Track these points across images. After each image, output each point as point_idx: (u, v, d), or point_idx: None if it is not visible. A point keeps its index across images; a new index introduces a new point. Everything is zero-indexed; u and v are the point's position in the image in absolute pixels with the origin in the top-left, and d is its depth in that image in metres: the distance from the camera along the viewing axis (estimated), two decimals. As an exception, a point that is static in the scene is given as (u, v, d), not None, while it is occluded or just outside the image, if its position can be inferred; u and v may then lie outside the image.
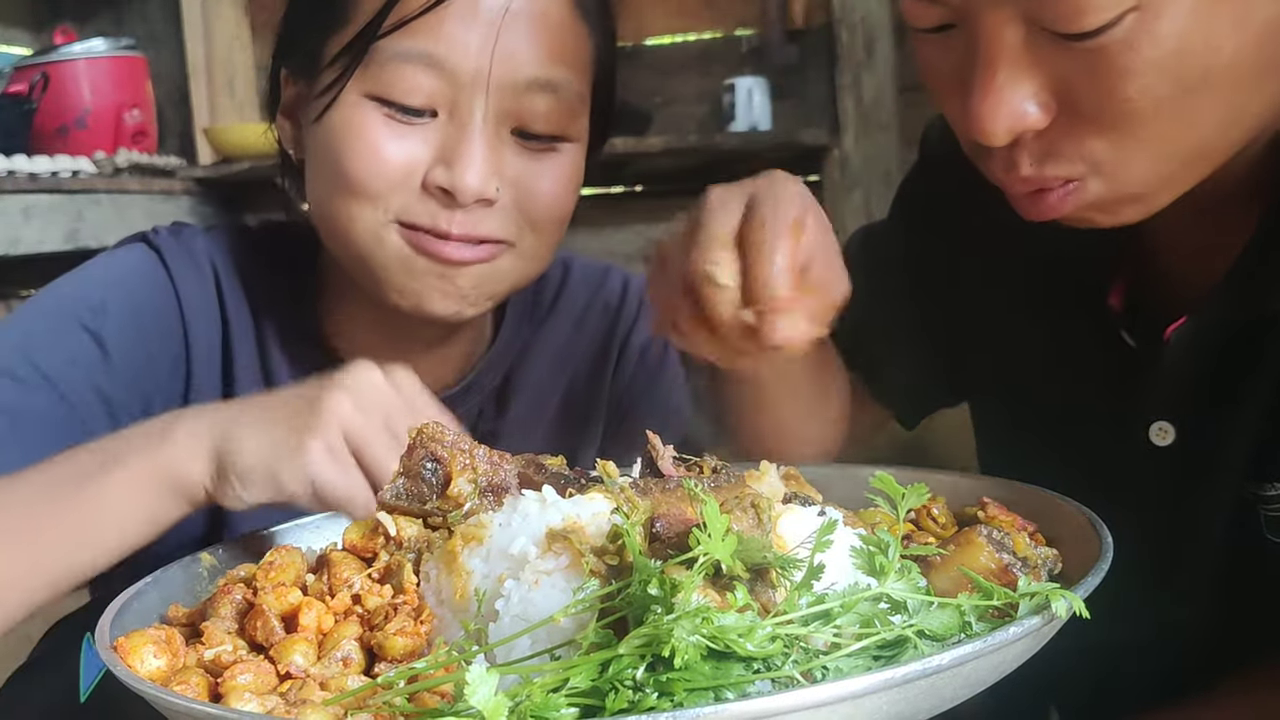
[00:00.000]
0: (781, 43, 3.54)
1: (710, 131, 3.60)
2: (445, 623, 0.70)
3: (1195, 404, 1.02)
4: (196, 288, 1.20)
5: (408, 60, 1.07)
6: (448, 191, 1.08)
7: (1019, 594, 0.66)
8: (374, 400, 0.91)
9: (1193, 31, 0.81)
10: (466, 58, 1.07)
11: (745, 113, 3.46)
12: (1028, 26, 0.84)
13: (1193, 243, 1.03)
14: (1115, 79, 0.83)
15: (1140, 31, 0.81)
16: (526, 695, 0.56)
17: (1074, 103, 0.86)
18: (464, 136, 1.08)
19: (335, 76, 1.10)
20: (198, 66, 3.31)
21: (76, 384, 1.09)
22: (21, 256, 2.46)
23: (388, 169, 1.09)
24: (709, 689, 0.57)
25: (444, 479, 0.77)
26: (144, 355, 1.15)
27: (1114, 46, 0.82)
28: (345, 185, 1.10)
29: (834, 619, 0.62)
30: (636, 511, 0.67)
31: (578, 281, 1.39)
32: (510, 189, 1.11)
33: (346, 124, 1.10)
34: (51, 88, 2.74)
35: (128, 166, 2.84)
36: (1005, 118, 0.86)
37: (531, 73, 1.09)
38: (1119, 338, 1.07)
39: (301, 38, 1.18)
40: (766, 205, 0.87)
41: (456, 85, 1.08)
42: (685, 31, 3.77)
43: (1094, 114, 0.86)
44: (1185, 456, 1.03)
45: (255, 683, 0.65)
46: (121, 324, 1.14)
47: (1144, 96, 0.83)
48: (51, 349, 1.10)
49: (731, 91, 3.50)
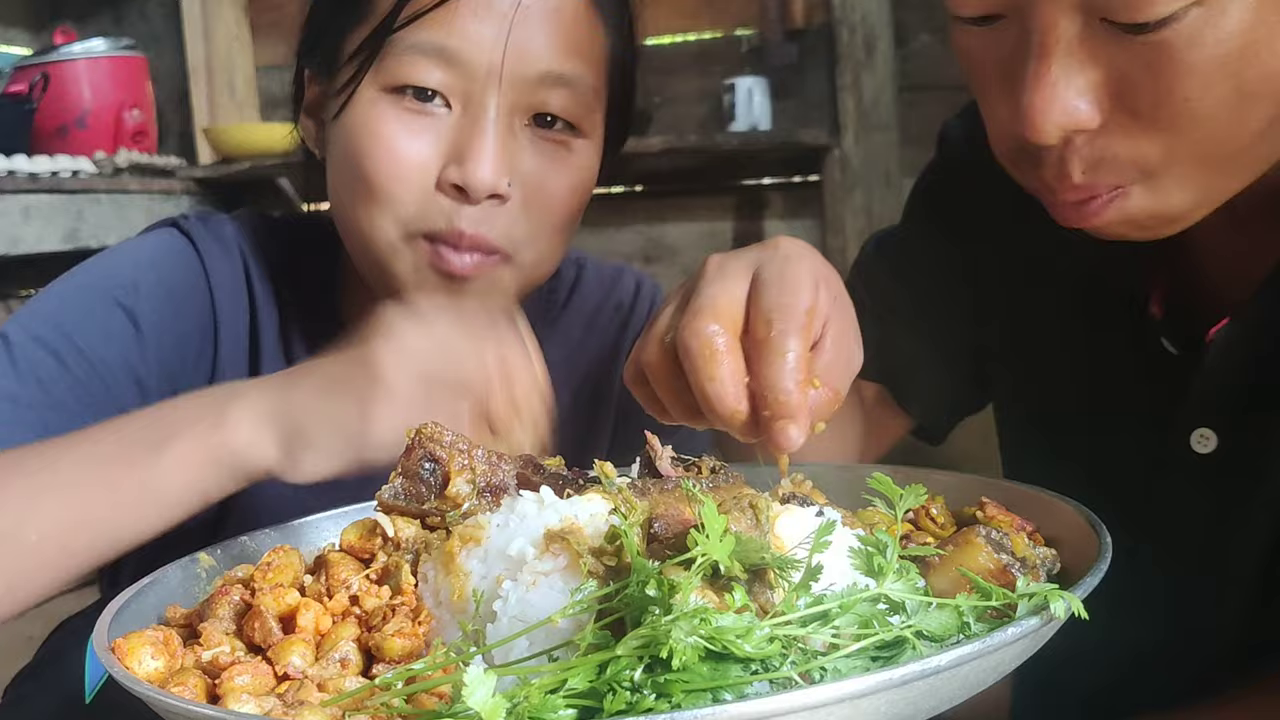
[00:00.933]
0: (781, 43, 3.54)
1: (710, 131, 3.60)
2: (443, 624, 0.69)
3: (1237, 409, 1.00)
4: (227, 272, 1.22)
5: (422, 52, 1.09)
6: (460, 188, 1.09)
7: (1017, 595, 0.66)
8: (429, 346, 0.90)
9: (1257, 32, 0.79)
10: (480, 51, 1.09)
11: (745, 113, 3.46)
12: (1085, 17, 0.81)
13: (1233, 246, 1.00)
14: (1174, 76, 0.80)
15: (1204, 27, 0.78)
16: (524, 696, 0.56)
17: (1130, 101, 0.82)
18: (476, 131, 1.10)
19: (353, 73, 1.12)
20: (198, 66, 3.31)
21: (110, 359, 1.11)
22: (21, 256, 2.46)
23: (403, 168, 1.10)
24: (707, 690, 0.57)
25: (442, 479, 0.77)
26: (175, 335, 1.17)
27: (1176, 41, 0.79)
28: (363, 187, 1.12)
29: (832, 620, 0.62)
30: (634, 512, 0.67)
31: (591, 281, 1.41)
32: (521, 187, 1.12)
33: (363, 121, 1.11)
34: (51, 88, 2.74)
35: (128, 166, 2.85)
36: (1058, 113, 0.82)
37: (545, 66, 1.11)
38: (1158, 344, 1.04)
39: (323, 36, 1.19)
40: (773, 290, 0.79)
41: (470, 78, 1.09)
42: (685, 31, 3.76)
43: (1150, 114, 0.82)
44: (1227, 463, 1.01)
45: (253, 684, 0.65)
46: (155, 303, 1.16)
47: (1204, 96, 0.80)
48: (86, 323, 1.12)
49: (731, 91, 3.50)
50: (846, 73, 3.39)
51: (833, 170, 3.41)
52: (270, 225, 1.30)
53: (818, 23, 3.52)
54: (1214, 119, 0.81)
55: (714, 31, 3.73)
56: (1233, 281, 1.01)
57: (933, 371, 1.21)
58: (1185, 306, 1.05)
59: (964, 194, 1.19)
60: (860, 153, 3.36)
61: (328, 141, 1.20)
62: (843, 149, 3.39)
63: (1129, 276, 1.06)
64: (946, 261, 1.21)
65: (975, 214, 1.17)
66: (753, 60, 3.62)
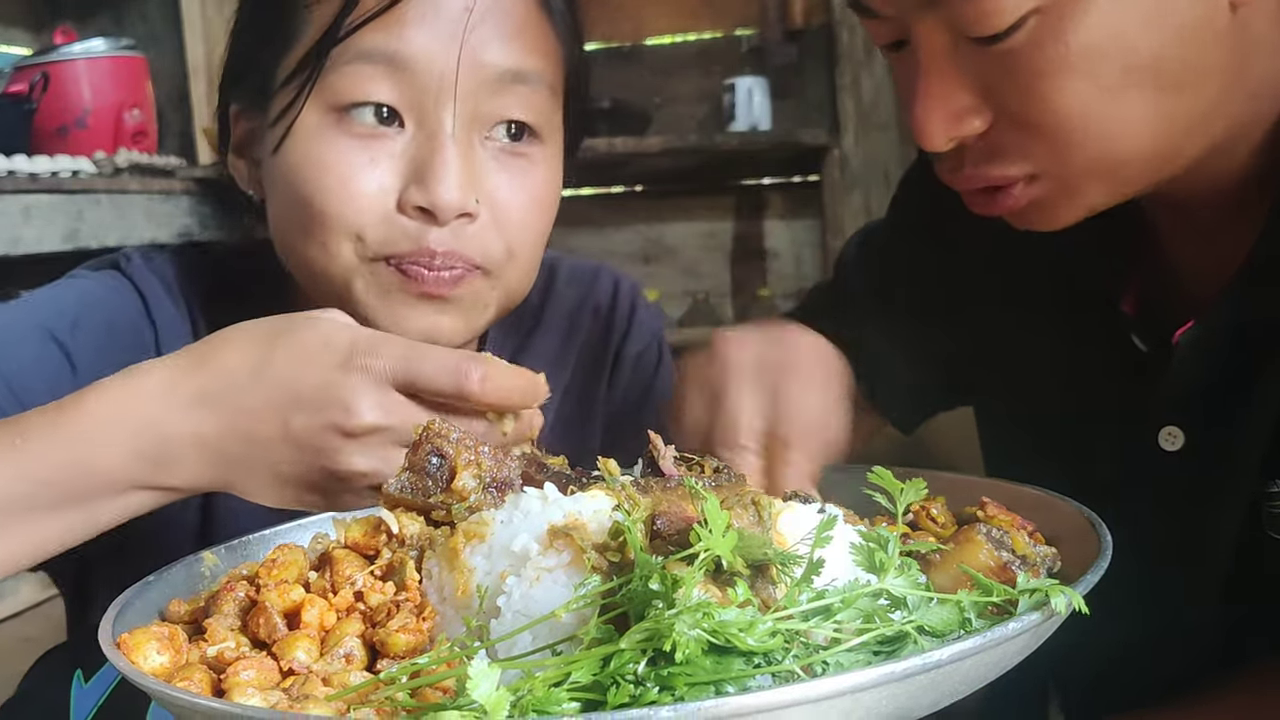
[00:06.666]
0: (781, 43, 3.55)
1: (710, 131, 3.61)
2: (447, 619, 0.70)
3: (1204, 408, 1.01)
4: (171, 314, 1.16)
5: (369, 61, 1.02)
6: (425, 210, 1.03)
7: (1019, 590, 0.66)
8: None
9: (1098, 31, 0.85)
10: (430, 58, 1.03)
11: (745, 113, 3.47)
12: (951, 34, 0.88)
13: (1199, 249, 1.03)
14: (1030, 79, 0.87)
15: (1044, 32, 0.85)
16: (528, 690, 0.56)
17: (1004, 106, 0.89)
18: (436, 148, 1.03)
19: (292, 97, 1.04)
20: (198, 66, 3.31)
21: (35, 391, 1.01)
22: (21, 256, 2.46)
23: (360, 199, 1.03)
24: (710, 683, 0.57)
25: (448, 474, 0.77)
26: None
27: (1023, 48, 0.86)
28: (316, 221, 1.04)
29: (834, 614, 0.62)
30: (638, 509, 0.68)
31: (564, 285, 1.34)
32: (489, 206, 1.06)
33: (309, 151, 1.04)
34: (51, 88, 2.74)
35: (128, 166, 2.85)
36: (940, 123, 0.91)
37: (502, 66, 1.05)
38: (1129, 342, 1.07)
39: (250, 67, 1.12)
40: (785, 425, 0.89)
41: (422, 89, 1.03)
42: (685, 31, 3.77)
43: (1022, 115, 0.89)
44: (1194, 460, 1.03)
45: (258, 679, 0.66)
46: (95, 343, 1.10)
47: (1060, 95, 0.87)
48: (15, 351, 1.06)
49: (731, 91, 3.51)
50: (846, 73, 3.40)
51: (832, 170, 3.42)
52: (214, 260, 1.23)
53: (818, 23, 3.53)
54: (1083, 115, 0.88)
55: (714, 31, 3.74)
56: (1201, 283, 1.03)
57: (903, 368, 1.23)
58: (1157, 305, 1.07)
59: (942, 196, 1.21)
60: (860, 153, 3.37)
61: (266, 180, 1.11)
62: (842, 149, 3.40)
63: (1102, 275, 1.09)
64: (923, 261, 1.24)
65: (952, 215, 1.19)
66: (753, 60, 3.63)
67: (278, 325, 0.87)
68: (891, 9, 0.91)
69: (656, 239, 3.99)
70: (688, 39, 3.77)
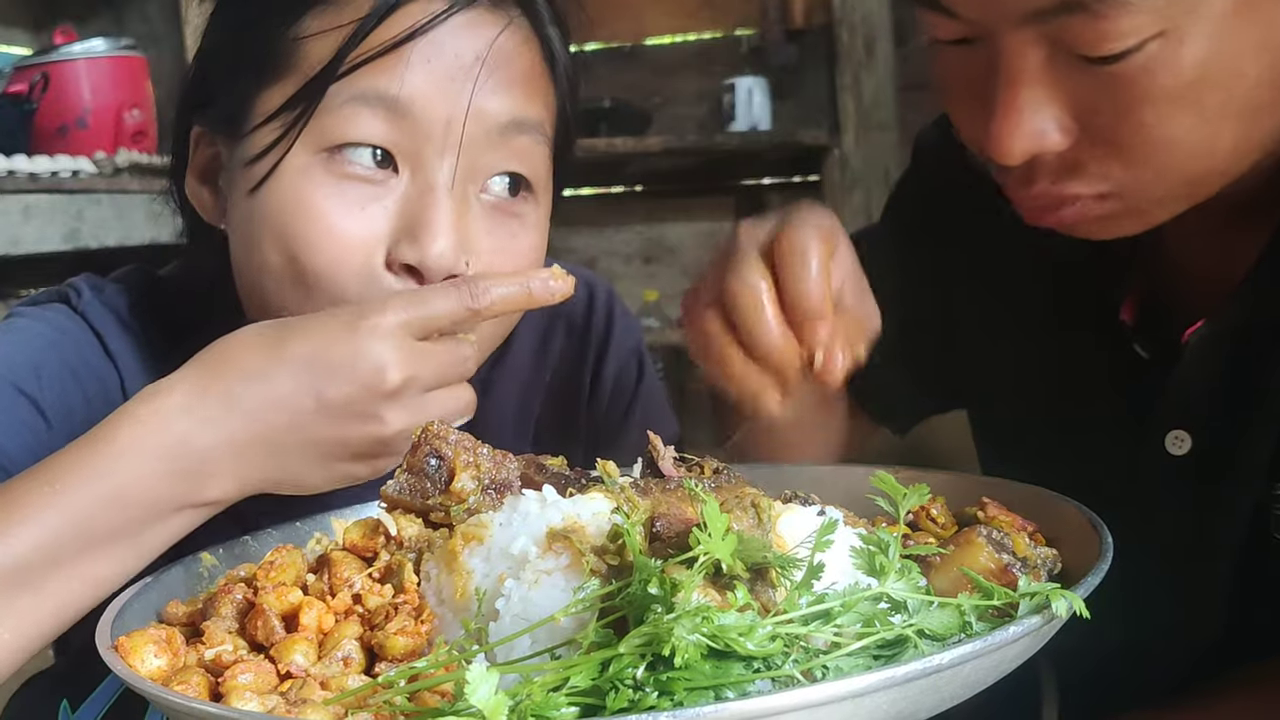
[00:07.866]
0: (781, 43, 3.55)
1: (710, 131, 3.61)
2: (446, 622, 0.70)
3: (1211, 411, 1.01)
4: (129, 345, 1.11)
5: (367, 104, 0.97)
6: (413, 269, 0.97)
7: (1019, 594, 0.66)
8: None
9: (1216, 60, 0.81)
10: (432, 104, 0.97)
11: (745, 113, 3.47)
12: (1050, 48, 0.84)
13: (1208, 250, 1.02)
14: (1135, 104, 0.83)
15: (1163, 58, 0.81)
16: (527, 694, 0.56)
17: (1094, 126, 0.86)
18: (429, 202, 0.98)
19: (278, 135, 0.98)
20: (198, 67, 3.31)
21: (16, 455, 0.97)
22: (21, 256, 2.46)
23: (346, 252, 0.97)
24: (709, 688, 0.57)
25: (447, 475, 0.77)
26: (84, 421, 0.95)
27: (1136, 72, 0.82)
28: (293, 272, 0.98)
29: (834, 618, 0.62)
30: (637, 511, 0.67)
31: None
32: (476, 267, 1.00)
33: (295, 196, 0.97)
34: (51, 88, 2.74)
35: (128, 166, 2.84)
36: (1024, 138, 0.86)
37: (504, 116, 1.00)
38: (1130, 349, 1.06)
39: (221, 92, 1.05)
40: (795, 221, 0.88)
41: (423, 136, 0.98)
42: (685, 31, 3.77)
43: (1113, 138, 0.86)
44: (1202, 464, 1.02)
45: (256, 682, 0.65)
46: (60, 388, 1.05)
47: (1163, 123, 0.83)
48: None
49: (731, 91, 3.51)
50: (846, 73, 3.40)
51: (832, 170, 3.42)
52: (167, 289, 1.18)
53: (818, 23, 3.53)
54: (1177, 143, 0.85)
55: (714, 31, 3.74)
56: (1207, 285, 1.02)
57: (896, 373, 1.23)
58: (1157, 310, 1.07)
59: (937, 202, 1.21)
60: (860, 153, 3.37)
61: (236, 216, 1.03)
62: (842, 149, 3.40)
63: (1101, 282, 1.08)
64: (917, 267, 1.23)
65: (948, 221, 1.18)
66: (753, 60, 3.63)
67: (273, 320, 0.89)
68: (982, 14, 0.86)
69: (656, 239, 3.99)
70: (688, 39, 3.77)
